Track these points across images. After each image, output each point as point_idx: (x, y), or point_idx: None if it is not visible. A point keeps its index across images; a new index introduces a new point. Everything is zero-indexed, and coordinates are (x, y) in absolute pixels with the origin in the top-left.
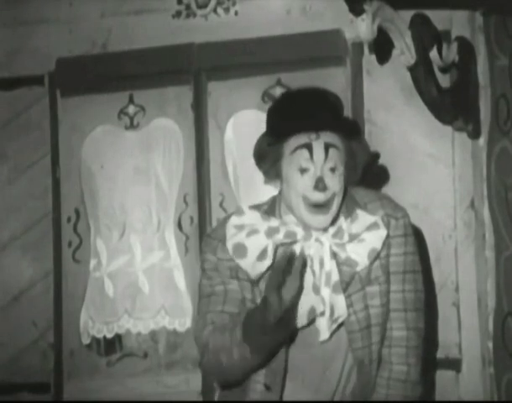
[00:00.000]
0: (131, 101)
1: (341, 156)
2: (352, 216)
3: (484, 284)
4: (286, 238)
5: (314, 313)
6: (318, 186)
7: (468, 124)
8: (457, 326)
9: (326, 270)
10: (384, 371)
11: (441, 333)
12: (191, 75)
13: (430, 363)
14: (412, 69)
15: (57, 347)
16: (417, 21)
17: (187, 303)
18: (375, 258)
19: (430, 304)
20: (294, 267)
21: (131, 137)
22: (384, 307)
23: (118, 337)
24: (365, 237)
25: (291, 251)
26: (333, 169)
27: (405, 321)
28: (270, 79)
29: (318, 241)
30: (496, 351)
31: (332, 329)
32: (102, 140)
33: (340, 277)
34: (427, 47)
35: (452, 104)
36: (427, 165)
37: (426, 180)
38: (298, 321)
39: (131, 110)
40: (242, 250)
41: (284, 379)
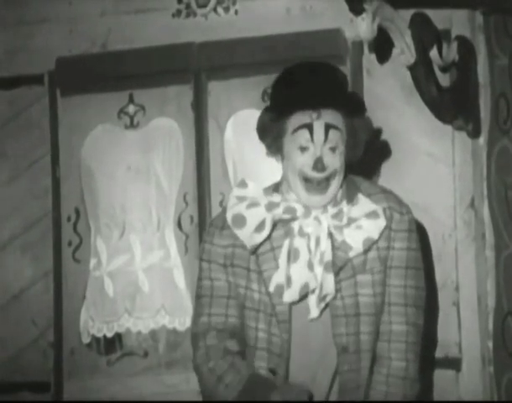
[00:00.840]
0: (131, 100)
1: (342, 136)
2: (353, 201)
3: (484, 283)
4: (286, 214)
5: (307, 289)
6: (317, 167)
7: (468, 123)
8: (457, 325)
9: (321, 249)
10: (383, 367)
11: (441, 332)
12: (191, 74)
13: (428, 361)
14: (412, 68)
15: (57, 346)
16: (417, 20)
17: (187, 302)
18: (370, 247)
19: (430, 303)
20: None
21: (131, 136)
22: (378, 298)
23: (118, 336)
24: (363, 224)
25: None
26: (333, 148)
27: (405, 315)
28: (270, 78)
29: (317, 220)
30: (496, 350)
31: (321, 307)
32: (102, 139)
33: (333, 260)
34: (427, 46)
35: (452, 103)
36: (427, 164)
37: (426, 179)
38: (291, 295)
39: (131, 109)
40: (240, 220)
41: (288, 360)
